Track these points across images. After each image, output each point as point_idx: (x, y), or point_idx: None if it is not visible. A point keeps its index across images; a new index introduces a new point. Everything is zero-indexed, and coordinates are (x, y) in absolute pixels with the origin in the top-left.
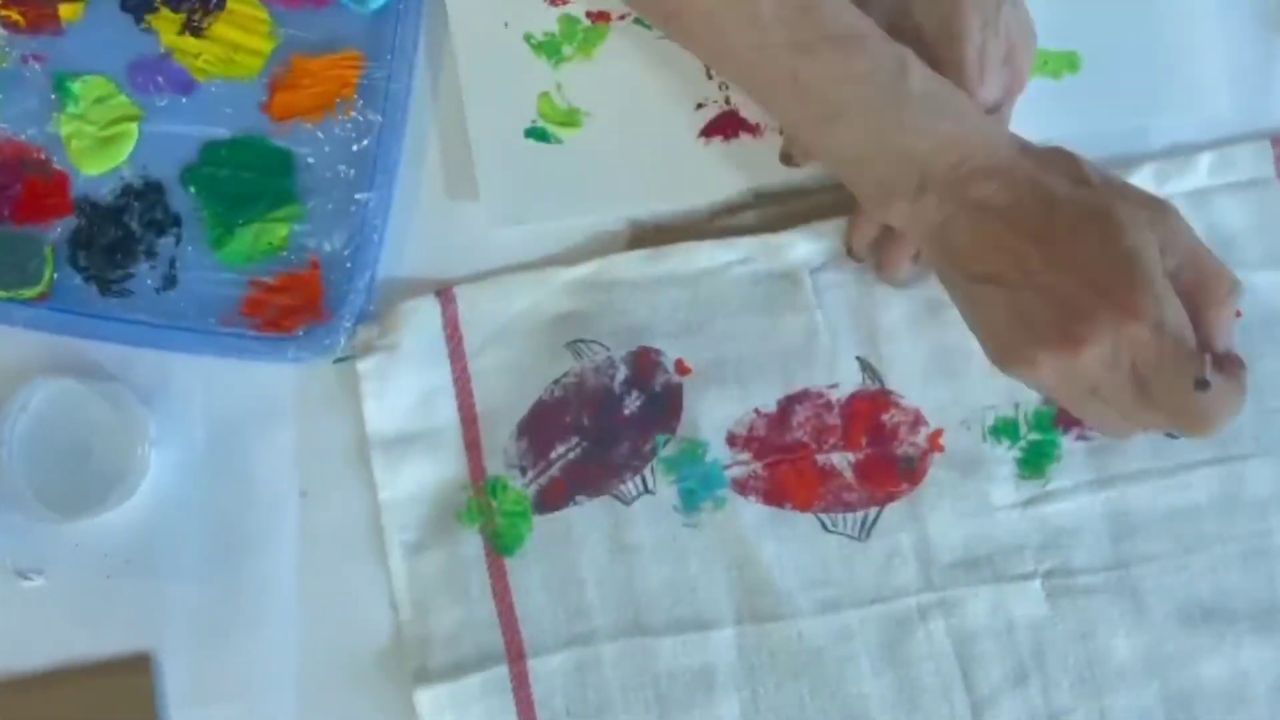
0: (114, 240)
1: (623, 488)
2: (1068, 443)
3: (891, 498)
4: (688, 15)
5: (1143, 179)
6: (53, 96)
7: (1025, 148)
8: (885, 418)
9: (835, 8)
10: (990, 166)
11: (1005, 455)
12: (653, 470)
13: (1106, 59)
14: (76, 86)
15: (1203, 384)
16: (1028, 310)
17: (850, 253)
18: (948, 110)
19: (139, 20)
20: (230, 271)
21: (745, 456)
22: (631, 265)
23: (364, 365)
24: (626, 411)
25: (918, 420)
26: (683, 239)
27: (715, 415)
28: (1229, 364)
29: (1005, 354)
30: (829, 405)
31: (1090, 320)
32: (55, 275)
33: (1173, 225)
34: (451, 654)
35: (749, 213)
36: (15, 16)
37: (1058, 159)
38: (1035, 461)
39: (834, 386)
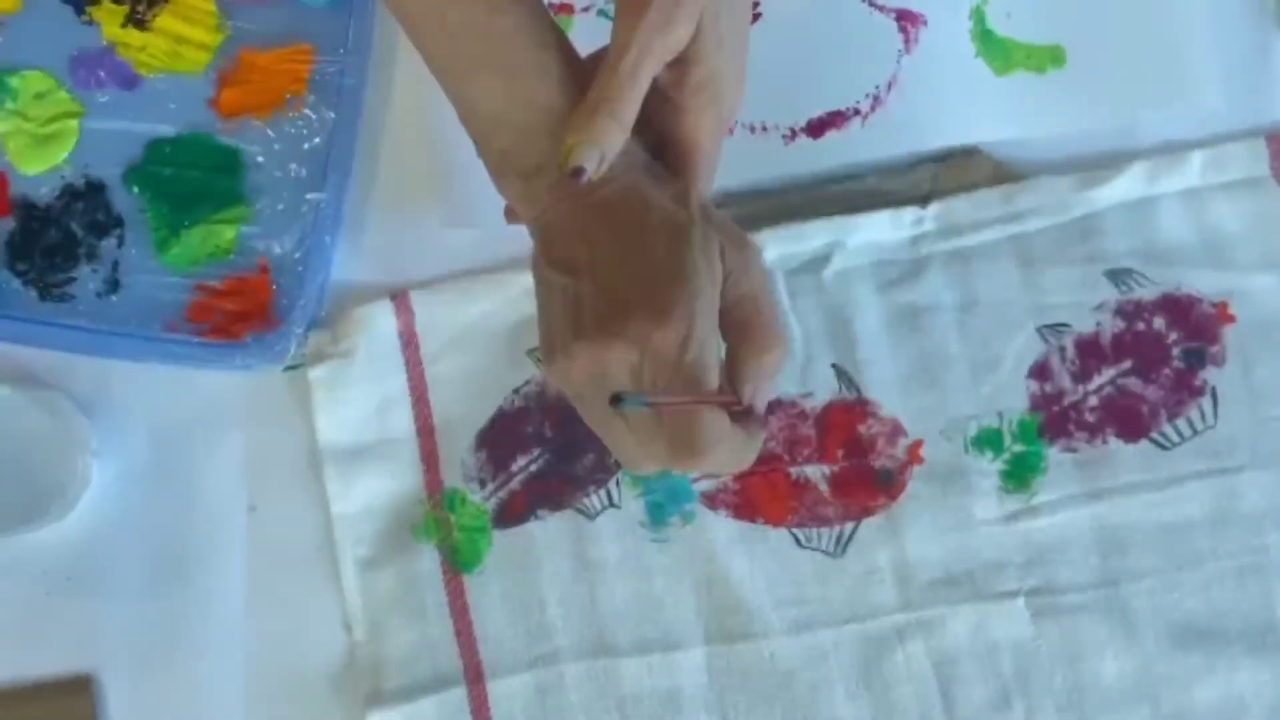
0: (54, 243)
1: (586, 501)
2: (1054, 454)
3: (869, 512)
4: None
5: (1133, 178)
6: None
7: (653, 163)
8: (862, 428)
9: None
10: (612, 166)
11: (988, 468)
12: (618, 483)
13: (1093, 52)
14: (14, 82)
15: (615, 399)
16: (582, 302)
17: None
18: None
19: (80, 12)
20: (175, 275)
21: None
22: None
23: (316, 373)
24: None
25: (896, 431)
26: None
27: None
28: (751, 418)
29: (550, 345)
30: (803, 415)
31: (624, 319)
32: None
33: (749, 262)
34: (407, 676)
35: (719, 212)
36: None
37: (676, 182)
38: (1020, 474)
39: (808, 395)
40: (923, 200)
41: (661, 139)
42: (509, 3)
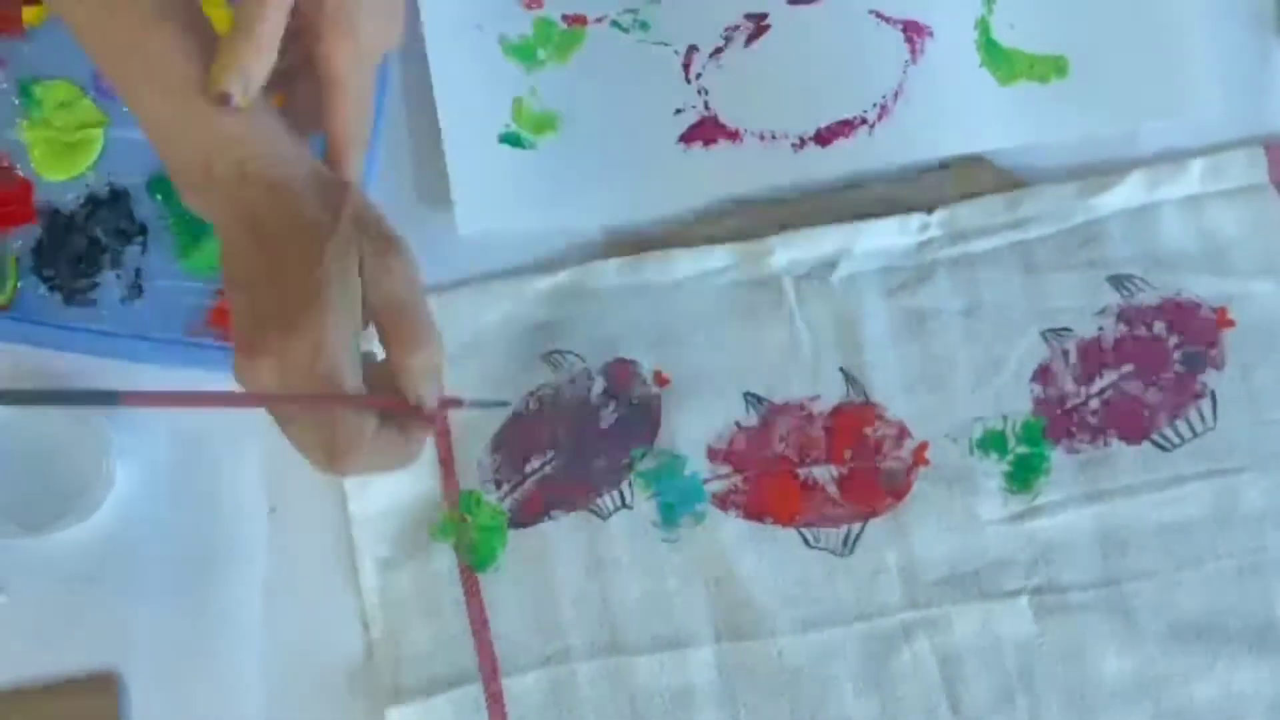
0: (78, 249)
1: (599, 502)
2: (1058, 456)
3: (875, 512)
4: None
5: (1134, 185)
6: (15, 102)
7: (318, 170)
8: (869, 431)
9: None
10: (269, 177)
11: (993, 469)
12: (630, 484)
13: (1095, 62)
14: (40, 91)
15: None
16: (240, 318)
17: None
18: (248, 112)
19: None
20: (197, 281)
21: (725, 470)
22: (608, 274)
23: None
24: (603, 424)
25: (902, 433)
26: (661, 247)
27: (694, 428)
28: (414, 419)
29: (232, 359)
30: (811, 418)
31: (265, 333)
32: (18, 284)
33: (392, 267)
34: (424, 673)
35: (729, 220)
36: None
37: (335, 189)
38: (1024, 475)
39: (816, 399)
40: (929, 207)
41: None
42: (159, 17)
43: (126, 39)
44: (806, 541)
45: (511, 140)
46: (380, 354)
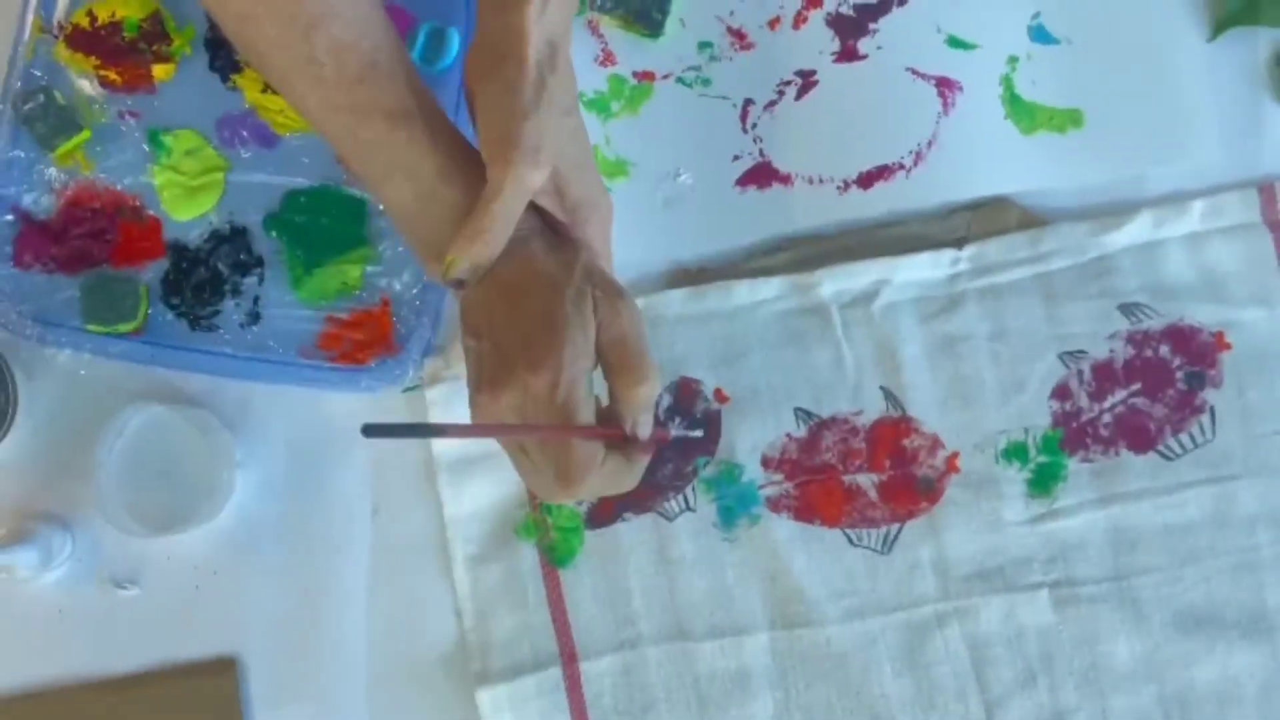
0: (202, 280)
1: (666, 505)
2: (1073, 465)
3: (912, 515)
4: (267, 73)
5: (1142, 223)
6: (147, 149)
7: (547, 232)
8: (906, 442)
9: (395, 84)
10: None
11: (1016, 476)
12: (694, 490)
13: (1107, 115)
14: (169, 140)
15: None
16: (483, 359)
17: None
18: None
19: (225, 79)
20: (308, 309)
21: (778, 477)
22: (674, 302)
23: (431, 394)
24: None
25: (936, 444)
26: (721, 278)
27: (751, 439)
28: (634, 446)
29: (470, 400)
30: (855, 430)
31: (509, 371)
32: (149, 312)
33: (617, 309)
34: (510, 657)
35: (781, 254)
36: (113, 76)
37: (568, 246)
38: (1043, 482)
39: (859, 413)
40: (959, 243)
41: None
42: (405, 118)
43: (374, 139)
44: (850, 541)
45: None
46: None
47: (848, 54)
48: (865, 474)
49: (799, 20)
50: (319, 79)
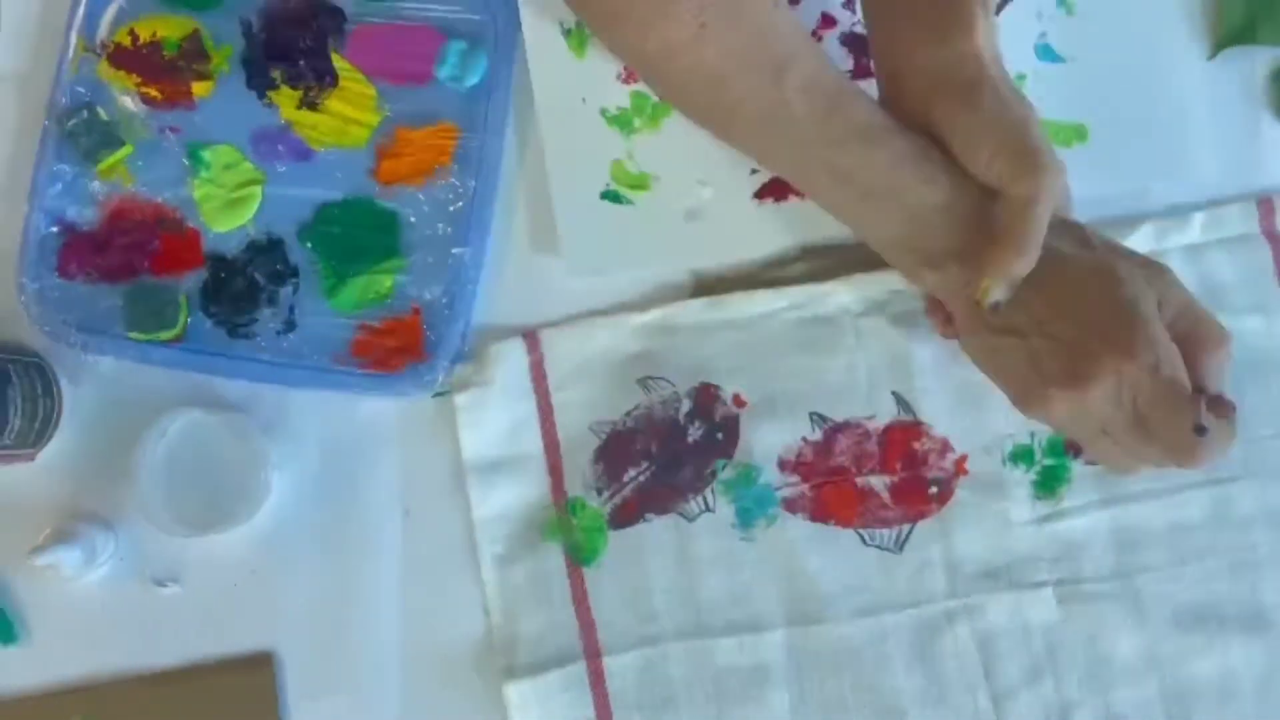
0: (240, 289)
1: (687, 506)
2: (1078, 467)
3: (923, 515)
4: (738, 123)
5: (1144, 236)
6: (186, 163)
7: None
8: (917, 445)
9: (859, 106)
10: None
11: (1022, 478)
12: (713, 491)
13: (1112, 130)
14: (207, 154)
15: (1200, 429)
16: (1041, 356)
17: (941, 333)
18: (967, 188)
19: (262, 96)
20: (342, 317)
21: (794, 479)
22: (694, 311)
23: (460, 399)
24: (690, 440)
25: (945, 447)
26: (740, 288)
27: (768, 443)
28: (1221, 405)
29: (1024, 396)
30: (868, 434)
31: (1095, 361)
32: (188, 320)
33: (1168, 281)
34: (536, 653)
35: (798, 265)
36: (154, 93)
37: (1063, 225)
38: (1049, 483)
39: (872, 418)
40: None
41: None
42: (883, 135)
43: (851, 163)
44: (863, 540)
45: (612, 197)
46: None
47: (861, 72)
48: (878, 476)
49: (815, 39)
50: (790, 122)
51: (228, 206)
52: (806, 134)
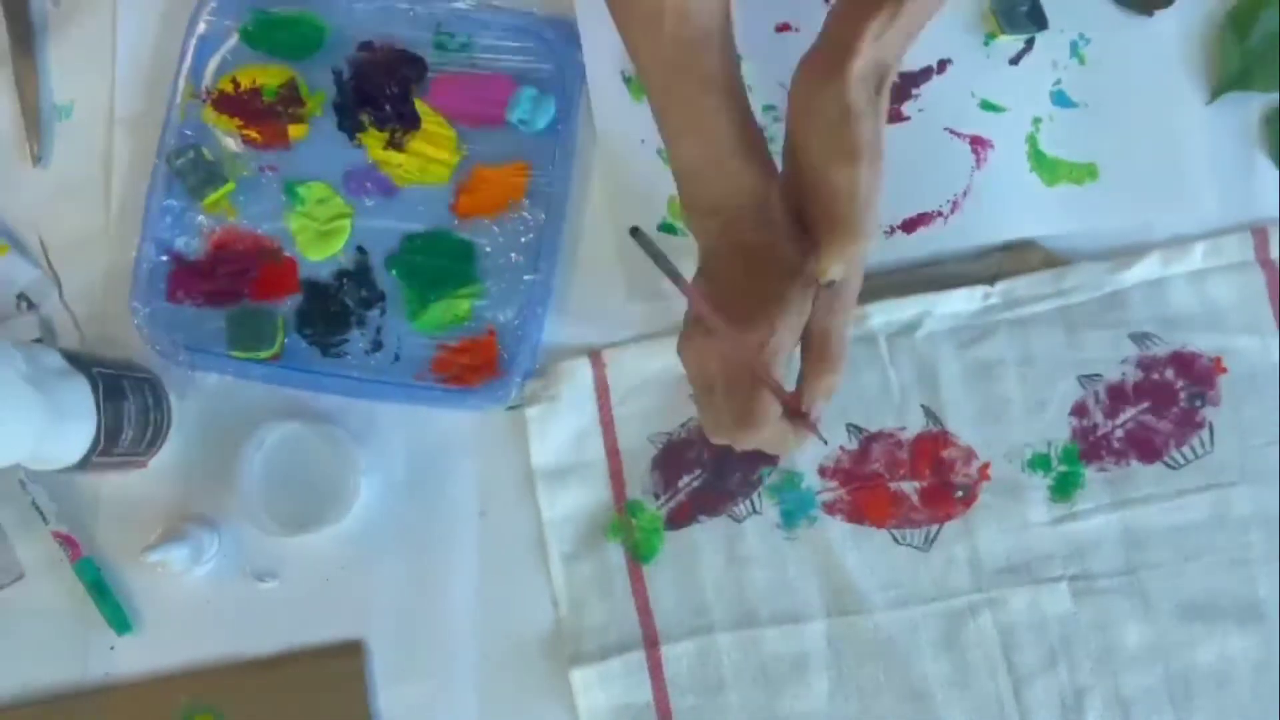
0: (332, 313)
1: (736, 509)
2: (1090, 473)
3: (949, 517)
4: (615, 11)
5: (1150, 262)
6: (283, 198)
7: (793, 228)
8: (944, 454)
9: (716, 57)
10: (760, 220)
11: (1040, 483)
12: (759, 495)
13: (1121, 168)
14: (302, 190)
15: (797, 416)
16: (717, 300)
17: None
18: (764, 166)
19: (351, 138)
20: (424, 337)
21: (833, 484)
22: None
23: (530, 412)
24: (739, 449)
25: (970, 455)
26: None
27: (809, 451)
28: (803, 422)
29: (685, 320)
30: (899, 443)
31: (731, 321)
32: (285, 340)
33: (832, 305)
34: (600, 641)
35: None
36: (254, 135)
37: (806, 243)
38: (1064, 488)
39: (904, 428)
40: (991, 280)
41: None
42: (717, 88)
43: (686, 97)
44: (895, 540)
45: (667, 229)
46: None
47: (893, 116)
48: (908, 481)
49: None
50: (658, 31)
51: (320, 238)
52: (664, 52)
